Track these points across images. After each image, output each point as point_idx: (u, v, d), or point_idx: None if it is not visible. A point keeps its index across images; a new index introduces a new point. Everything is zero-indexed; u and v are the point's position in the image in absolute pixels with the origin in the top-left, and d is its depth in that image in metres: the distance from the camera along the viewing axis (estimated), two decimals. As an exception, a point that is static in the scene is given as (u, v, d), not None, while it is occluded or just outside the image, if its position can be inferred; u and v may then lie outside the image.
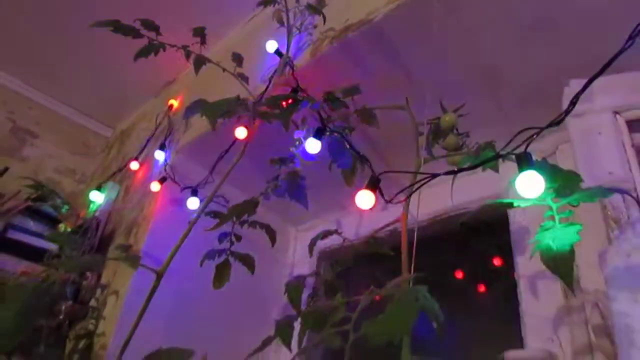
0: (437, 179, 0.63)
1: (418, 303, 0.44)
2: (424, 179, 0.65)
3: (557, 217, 0.54)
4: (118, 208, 1.69)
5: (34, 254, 1.57)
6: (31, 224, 1.70)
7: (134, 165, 1.69)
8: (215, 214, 1.07)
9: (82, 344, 1.31)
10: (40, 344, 1.27)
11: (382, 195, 0.69)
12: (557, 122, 0.58)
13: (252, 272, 1.09)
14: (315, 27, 1.18)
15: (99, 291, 1.32)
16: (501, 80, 1.07)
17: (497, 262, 1.30)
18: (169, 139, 1.60)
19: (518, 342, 1.00)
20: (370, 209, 0.69)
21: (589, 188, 0.57)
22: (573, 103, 0.60)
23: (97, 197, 1.74)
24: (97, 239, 1.56)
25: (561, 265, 0.47)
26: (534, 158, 0.58)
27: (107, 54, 1.88)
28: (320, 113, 0.85)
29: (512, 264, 1.10)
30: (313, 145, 0.85)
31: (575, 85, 0.82)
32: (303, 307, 0.80)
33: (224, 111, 0.79)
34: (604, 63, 0.60)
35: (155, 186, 1.39)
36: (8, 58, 2.00)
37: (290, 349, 0.66)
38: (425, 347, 0.53)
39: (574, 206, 0.59)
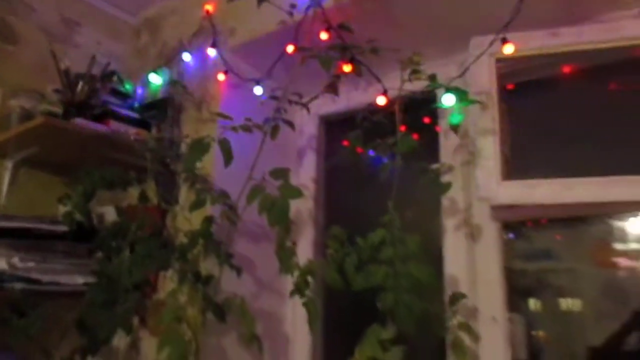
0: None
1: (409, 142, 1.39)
2: (406, 92, 1.55)
3: (456, 109, 1.47)
4: (177, 89, 2.41)
5: (130, 121, 2.31)
6: (113, 99, 2.40)
7: (187, 57, 2.36)
8: (276, 98, 1.91)
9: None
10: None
11: (388, 98, 1.59)
12: (462, 74, 1.48)
13: (294, 130, 1.99)
14: (334, -20, 1.89)
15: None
16: (440, 26, 1.91)
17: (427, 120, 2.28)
18: (215, 39, 2.28)
19: (436, 161, 2.03)
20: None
21: (469, 98, 1.50)
22: (475, 58, 1.50)
23: (155, 79, 2.43)
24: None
25: (452, 127, 1.43)
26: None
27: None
28: (352, 53, 1.67)
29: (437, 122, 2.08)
30: (348, 68, 1.69)
31: (476, 41, 1.69)
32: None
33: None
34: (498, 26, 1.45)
35: (221, 76, 2.14)
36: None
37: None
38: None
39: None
